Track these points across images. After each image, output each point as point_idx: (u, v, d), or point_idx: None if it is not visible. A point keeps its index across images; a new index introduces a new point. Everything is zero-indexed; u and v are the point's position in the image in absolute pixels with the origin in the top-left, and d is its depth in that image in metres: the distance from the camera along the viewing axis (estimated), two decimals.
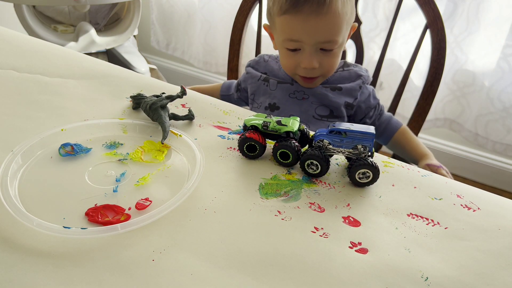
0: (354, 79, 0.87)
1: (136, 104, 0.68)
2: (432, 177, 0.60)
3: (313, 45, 0.78)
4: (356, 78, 0.87)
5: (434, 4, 0.97)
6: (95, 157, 0.57)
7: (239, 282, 0.40)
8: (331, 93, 0.84)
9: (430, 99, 1.02)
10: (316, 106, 0.84)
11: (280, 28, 0.79)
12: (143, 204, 0.49)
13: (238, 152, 0.61)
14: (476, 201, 0.55)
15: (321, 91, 0.84)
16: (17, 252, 0.41)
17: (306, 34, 0.77)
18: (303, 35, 0.77)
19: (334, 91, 0.85)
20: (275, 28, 0.82)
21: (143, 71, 1.79)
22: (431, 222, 0.51)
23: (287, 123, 0.59)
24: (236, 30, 1.12)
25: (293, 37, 0.78)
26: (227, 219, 0.48)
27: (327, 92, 0.83)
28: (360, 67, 0.88)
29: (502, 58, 1.48)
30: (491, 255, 0.47)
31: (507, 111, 1.54)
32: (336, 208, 0.52)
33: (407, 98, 1.66)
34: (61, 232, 0.42)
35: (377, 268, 0.43)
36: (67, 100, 0.70)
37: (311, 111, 0.84)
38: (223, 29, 2.01)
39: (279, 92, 0.86)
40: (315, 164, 0.56)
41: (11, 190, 0.47)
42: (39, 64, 0.80)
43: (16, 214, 0.43)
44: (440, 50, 0.99)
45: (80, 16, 1.79)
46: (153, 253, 0.43)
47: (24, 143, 0.54)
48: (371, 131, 0.56)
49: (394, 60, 1.67)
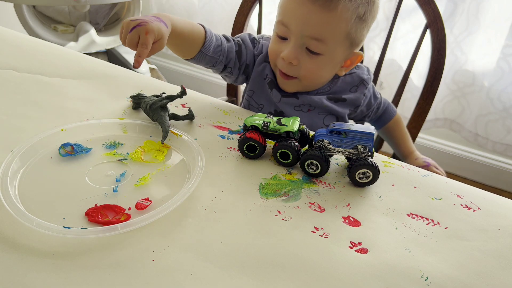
0: (357, 84, 0.83)
1: (136, 104, 0.68)
2: (432, 177, 0.60)
3: (299, 37, 0.71)
4: (359, 83, 0.83)
5: (434, 4, 0.97)
6: (95, 157, 0.57)
7: (239, 282, 0.40)
8: (335, 105, 0.81)
9: (430, 99, 1.02)
10: (324, 116, 0.82)
11: (279, 8, 0.75)
12: (143, 204, 0.49)
13: (238, 152, 0.61)
14: (476, 201, 0.55)
15: (326, 104, 0.80)
16: (17, 252, 0.41)
17: (296, 19, 0.71)
18: (292, 20, 0.71)
19: (338, 102, 0.82)
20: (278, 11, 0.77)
21: (143, 71, 1.79)
22: (431, 222, 0.51)
23: (287, 123, 0.59)
24: (236, 30, 1.12)
25: (284, 20, 0.72)
26: (227, 219, 0.48)
27: (331, 105, 0.81)
28: (362, 67, 0.86)
29: (502, 58, 1.48)
30: (491, 255, 0.47)
31: (507, 111, 1.54)
32: (336, 208, 0.52)
33: (407, 98, 1.66)
34: (61, 232, 0.42)
35: (377, 268, 0.43)
36: (67, 100, 0.70)
37: (319, 122, 0.81)
38: (223, 29, 2.01)
39: (284, 105, 0.81)
40: (315, 164, 0.56)
41: (11, 190, 0.47)
42: (39, 64, 0.80)
43: (16, 214, 0.43)
44: (440, 50, 0.99)
45: (80, 16, 1.79)
46: (153, 253, 0.43)
47: (24, 143, 0.54)
48: (371, 131, 0.56)
49: (394, 60, 1.67)
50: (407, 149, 0.94)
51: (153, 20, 0.58)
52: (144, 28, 0.56)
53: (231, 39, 0.78)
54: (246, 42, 0.80)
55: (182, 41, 0.69)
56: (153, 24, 0.57)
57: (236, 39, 0.79)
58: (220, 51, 0.74)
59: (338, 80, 0.82)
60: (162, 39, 0.59)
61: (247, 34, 0.82)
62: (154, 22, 0.58)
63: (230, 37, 0.78)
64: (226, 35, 0.78)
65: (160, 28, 0.58)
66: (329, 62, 0.74)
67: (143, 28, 0.56)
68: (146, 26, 0.56)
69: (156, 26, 0.57)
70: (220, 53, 0.74)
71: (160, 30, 0.58)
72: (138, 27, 0.56)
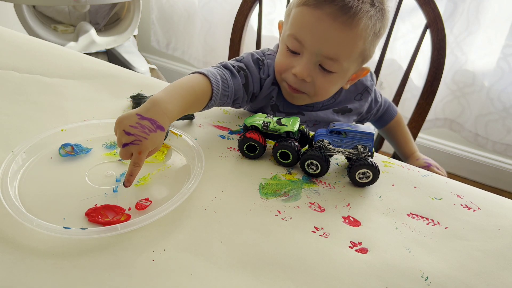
0: (361, 92, 0.81)
1: (136, 104, 0.68)
2: (432, 177, 0.60)
3: (314, 54, 0.67)
4: (363, 91, 0.81)
5: (434, 4, 0.97)
6: (95, 157, 0.57)
7: (239, 282, 0.40)
8: (342, 117, 0.80)
9: (430, 99, 1.02)
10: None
11: (291, 20, 0.69)
12: (143, 204, 0.49)
13: (238, 152, 0.61)
14: (476, 201, 0.55)
15: (333, 118, 0.79)
16: (17, 252, 0.41)
17: (312, 36, 0.66)
18: (308, 37, 0.66)
19: (344, 114, 0.80)
20: (287, 22, 0.71)
21: (143, 71, 1.78)
22: (431, 222, 0.51)
23: (287, 123, 0.59)
24: (236, 30, 1.12)
25: (297, 35, 0.67)
26: (227, 219, 0.48)
27: (338, 118, 0.79)
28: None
29: (502, 58, 1.48)
30: (491, 255, 0.47)
31: (507, 111, 1.54)
32: (336, 208, 0.52)
33: (407, 98, 1.66)
34: (61, 232, 0.42)
35: (377, 268, 0.43)
36: (67, 100, 0.70)
37: None
38: (223, 29, 2.01)
39: None
40: (315, 164, 0.56)
41: (11, 191, 0.47)
42: (39, 65, 0.80)
43: (16, 215, 0.43)
44: (440, 50, 0.99)
45: (80, 16, 1.79)
46: (153, 253, 0.43)
47: (24, 143, 0.54)
48: (371, 131, 0.56)
49: (394, 60, 1.67)
50: (408, 149, 0.94)
51: (147, 131, 0.50)
52: (137, 148, 0.49)
53: (236, 70, 0.68)
54: (252, 69, 0.71)
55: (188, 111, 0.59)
56: (147, 141, 0.50)
57: (242, 70, 0.69)
58: (228, 94, 0.65)
59: (341, 89, 0.79)
60: (157, 147, 0.52)
61: (250, 55, 0.73)
62: (149, 135, 0.50)
63: (234, 68, 0.69)
64: (230, 67, 0.68)
65: (155, 141, 0.51)
66: (341, 79, 0.72)
67: (136, 148, 0.49)
68: (140, 145, 0.49)
69: (151, 142, 0.50)
70: (228, 96, 0.66)
71: (156, 143, 0.51)
72: (131, 145, 0.49)
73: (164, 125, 0.51)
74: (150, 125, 0.50)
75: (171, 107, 0.53)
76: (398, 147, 0.96)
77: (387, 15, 0.71)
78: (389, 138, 0.97)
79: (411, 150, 0.93)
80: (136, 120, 0.50)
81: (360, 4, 0.64)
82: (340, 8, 0.63)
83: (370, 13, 0.65)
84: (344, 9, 0.63)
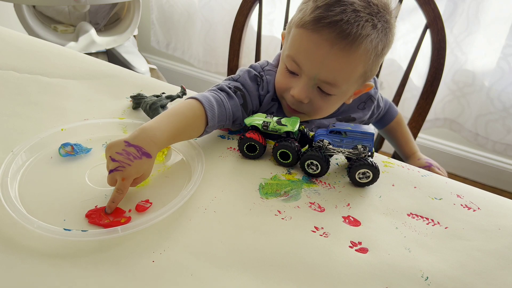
0: (364, 100, 0.79)
1: (136, 104, 0.68)
2: (432, 177, 0.60)
3: (311, 78, 0.65)
4: (366, 99, 0.79)
5: (434, 4, 0.97)
6: (95, 157, 0.57)
7: (239, 282, 0.40)
8: None
9: (430, 99, 1.02)
10: None
11: (290, 41, 0.67)
12: (143, 206, 0.49)
13: (238, 152, 0.61)
14: (476, 201, 0.55)
15: None
16: (18, 253, 0.41)
17: (309, 61, 0.64)
18: (306, 61, 0.64)
19: (347, 122, 0.77)
20: (287, 39, 0.70)
21: (143, 71, 1.78)
22: (431, 222, 0.51)
23: (287, 123, 0.59)
24: (236, 30, 1.12)
25: (295, 58, 0.65)
26: (227, 219, 0.48)
27: None
28: None
29: (502, 58, 1.48)
30: (491, 255, 0.47)
31: (507, 111, 1.54)
32: (336, 208, 0.52)
33: (407, 98, 1.66)
34: (62, 234, 0.42)
35: (377, 268, 0.43)
36: (67, 100, 0.70)
37: None
38: (223, 29, 2.01)
39: None
40: (315, 164, 0.56)
41: (11, 191, 0.47)
42: (39, 65, 0.80)
43: (16, 216, 0.43)
44: (440, 50, 0.99)
45: (80, 16, 1.79)
46: (153, 254, 0.43)
47: (24, 143, 0.54)
48: (371, 131, 0.56)
49: (394, 60, 1.67)
50: (409, 149, 0.93)
51: (132, 158, 0.50)
52: (120, 174, 0.49)
53: (233, 91, 0.66)
54: (249, 87, 0.69)
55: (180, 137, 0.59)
56: (131, 167, 0.49)
57: (238, 90, 0.67)
58: (226, 116, 0.64)
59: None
60: (145, 174, 0.52)
61: (246, 72, 0.70)
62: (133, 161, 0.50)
63: (231, 89, 0.66)
64: (225, 89, 0.66)
65: (140, 168, 0.51)
66: (341, 100, 0.71)
67: (119, 174, 0.49)
68: (123, 172, 0.49)
69: (135, 169, 0.50)
70: (226, 118, 0.64)
71: (141, 170, 0.51)
72: (115, 171, 0.49)
73: (151, 152, 0.51)
74: (135, 152, 0.50)
75: (159, 133, 0.53)
76: (399, 147, 0.96)
77: (392, 32, 0.68)
78: (389, 138, 0.97)
79: (412, 150, 0.93)
80: (123, 147, 0.50)
81: (360, 29, 0.61)
82: (339, 33, 0.61)
83: (371, 36, 0.62)
84: (342, 34, 0.60)
